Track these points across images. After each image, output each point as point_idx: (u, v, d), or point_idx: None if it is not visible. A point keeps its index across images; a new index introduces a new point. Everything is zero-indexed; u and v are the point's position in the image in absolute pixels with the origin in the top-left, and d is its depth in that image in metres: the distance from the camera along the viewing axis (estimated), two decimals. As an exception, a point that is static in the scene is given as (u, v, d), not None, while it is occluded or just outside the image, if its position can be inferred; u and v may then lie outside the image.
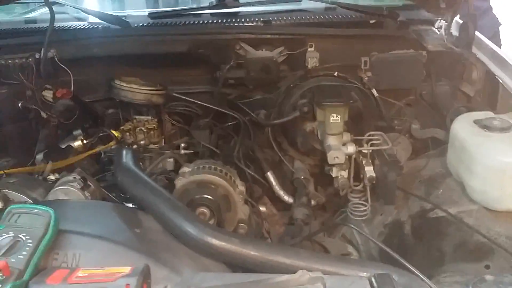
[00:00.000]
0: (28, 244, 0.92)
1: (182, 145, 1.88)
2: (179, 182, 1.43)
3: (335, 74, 1.95)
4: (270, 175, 2.00)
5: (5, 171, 1.52)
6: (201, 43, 2.05)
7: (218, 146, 2.02)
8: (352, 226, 1.51)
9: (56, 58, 2.01)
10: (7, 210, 0.99)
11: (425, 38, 2.09)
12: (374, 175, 1.71)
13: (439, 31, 2.19)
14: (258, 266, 1.09)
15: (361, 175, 1.80)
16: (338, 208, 2.13)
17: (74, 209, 1.06)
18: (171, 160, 1.82)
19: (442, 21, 2.19)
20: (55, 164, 1.74)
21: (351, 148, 1.68)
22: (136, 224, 1.14)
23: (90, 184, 1.39)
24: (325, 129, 1.73)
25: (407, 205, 1.76)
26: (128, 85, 1.83)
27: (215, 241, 1.08)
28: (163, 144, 1.91)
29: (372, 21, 2.12)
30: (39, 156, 1.87)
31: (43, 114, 2.02)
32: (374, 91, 1.92)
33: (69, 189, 1.34)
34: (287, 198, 2.01)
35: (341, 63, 2.01)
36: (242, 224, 1.45)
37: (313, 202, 1.99)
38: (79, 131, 1.96)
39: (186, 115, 2.14)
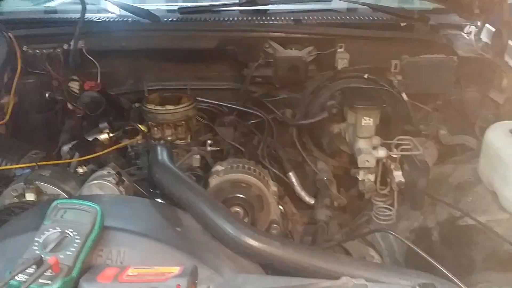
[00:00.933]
0: (76, 240, 0.92)
1: (209, 142, 1.86)
2: (213, 181, 1.42)
3: (365, 76, 1.93)
4: (292, 175, 1.99)
5: (38, 163, 1.51)
6: (229, 40, 2.05)
7: (241, 144, 2.01)
8: (391, 232, 1.49)
9: (84, 50, 2.01)
10: (53, 205, 0.98)
11: (455, 43, 2.07)
12: (404, 180, 1.70)
13: (468, 36, 2.17)
14: (298, 270, 1.08)
15: (388, 180, 1.79)
16: (359, 210, 2.12)
17: (115, 204, 1.05)
18: (198, 156, 1.81)
19: (471, 26, 2.17)
20: (82, 157, 1.75)
21: (382, 152, 1.67)
22: (176, 222, 1.13)
23: (124, 179, 1.38)
24: (355, 132, 1.71)
25: (434, 212, 1.74)
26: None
27: (256, 243, 1.08)
28: (189, 141, 1.89)
29: (403, 24, 2.10)
30: (65, 148, 1.87)
31: (69, 106, 2.03)
32: (404, 95, 1.90)
33: (104, 183, 1.33)
34: (308, 199, 2.00)
35: (371, 65, 1.99)
36: (274, 225, 1.44)
37: (335, 204, 1.99)
38: (105, 124, 1.95)
39: (210, 111, 2.13)
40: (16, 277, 0.83)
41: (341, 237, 1.92)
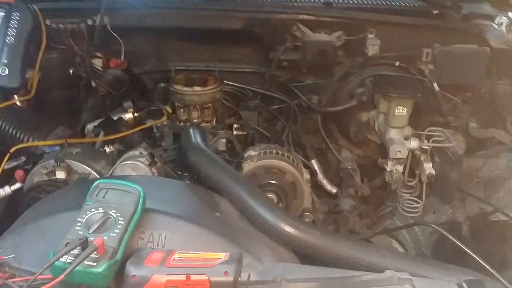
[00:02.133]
0: (120, 222, 0.89)
1: (235, 125, 1.83)
2: (247, 166, 1.39)
3: (397, 64, 1.88)
4: (314, 162, 1.96)
5: (67, 140, 1.48)
6: (256, 21, 2.00)
7: (265, 129, 1.98)
8: (434, 225, 1.45)
9: (108, 26, 1.96)
10: (94, 184, 0.95)
11: (486, 34, 2.02)
12: (434, 172, 1.67)
13: (498, 27, 2.12)
14: (337, 261, 1.06)
15: (417, 171, 1.76)
16: (381, 201, 2.10)
17: (152, 186, 1.02)
18: (224, 140, 1.77)
19: (503, 17, 2.12)
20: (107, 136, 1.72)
21: (414, 143, 1.63)
22: (215, 207, 1.10)
23: (157, 160, 1.35)
24: (387, 121, 1.67)
25: (464, 206, 1.72)
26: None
27: (296, 232, 1.05)
28: (214, 124, 1.86)
29: (435, 12, 2.04)
30: (90, 126, 1.84)
31: (93, 83, 1.99)
32: (435, 85, 1.86)
33: (137, 164, 1.31)
34: (330, 188, 1.97)
35: (401, 53, 1.94)
36: (307, 213, 1.42)
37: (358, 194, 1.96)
38: (129, 103, 1.91)
39: (234, 95, 2.09)
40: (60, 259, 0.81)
41: (361, 227, 1.90)
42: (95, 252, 0.82)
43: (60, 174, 1.32)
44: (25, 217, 1.12)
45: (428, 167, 1.68)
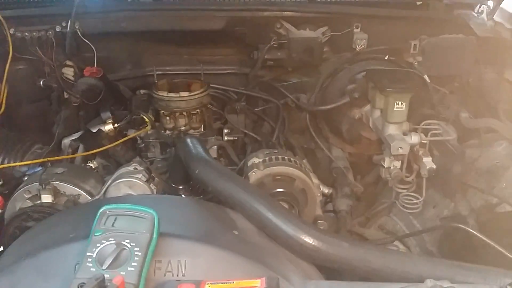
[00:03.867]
0: (136, 253, 0.78)
1: (226, 131, 1.73)
2: (254, 175, 1.29)
3: (386, 57, 1.83)
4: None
5: (48, 159, 1.34)
6: (238, 21, 1.91)
7: (253, 132, 1.89)
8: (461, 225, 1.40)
9: (79, 32, 1.82)
10: (100, 211, 0.84)
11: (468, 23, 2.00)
12: (435, 166, 1.62)
13: (479, 16, 2.10)
14: (368, 273, 0.98)
15: (415, 166, 1.71)
16: (373, 198, 2.05)
17: (159, 206, 0.91)
18: (215, 147, 1.67)
19: (483, 5, 2.10)
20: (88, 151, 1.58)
21: (415, 138, 1.58)
22: (231, 224, 1.00)
23: (154, 175, 1.24)
24: (386, 117, 1.61)
25: (466, 198, 1.68)
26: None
27: (323, 245, 0.96)
28: (202, 130, 1.75)
29: (419, 3, 2.00)
30: (66, 141, 1.70)
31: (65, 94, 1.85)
32: (426, 77, 1.81)
33: (134, 181, 1.19)
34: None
35: (388, 46, 1.89)
36: (321, 221, 1.33)
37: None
38: (107, 114, 1.78)
39: (218, 98, 1.99)
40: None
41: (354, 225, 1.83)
42: (114, 292, 0.71)
43: (46, 198, 1.19)
44: (15, 251, 0.98)
45: (428, 162, 1.64)
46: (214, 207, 1.07)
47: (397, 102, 1.57)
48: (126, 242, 0.79)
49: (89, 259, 0.77)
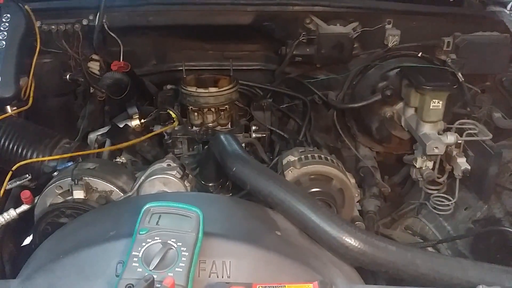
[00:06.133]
0: (183, 254, 0.75)
1: (254, 127, 1.69)
2: (290, 174, 1.25)
3: (419, 55, 1.78)
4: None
5: (76, 153, 1.31)
6: (266, 15, 1.86)
7: (279, 129, 1.85)
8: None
9: (106, 26, 1.79)
10: (144, 209, 0.80)
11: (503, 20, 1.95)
12: (469, 167, 1.58)
13: (511, 14, 2.04)
14: (415, 277, 0.94)
15: (447, 167, 1.66)
16: (399, 199, 2.01)
17: (202, 205, 0.87)
18: (243, 145, 1.63)
19: (516, 3, 2.05)
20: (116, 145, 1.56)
21: (451, 138, 1.54)
22: (273, 224, 0.97)
23: (188, 172, 1.21)
24: (421, 115, 1.57)
25: (500, 201, 1.63)
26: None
27: (369, 249, 0.93)
28: (229, 127, 1.71)
29: (451, -1, 1.95)
30: (92, 136, 1.68)
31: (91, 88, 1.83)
32: (459, 75, 1.76)
33: (169, 178, 1.15)
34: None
35: (421, 43, 1.84)
36: (358, 223, 1.29)
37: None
38: (134, 109, 1.76)
39: (244, 94, 1.96)
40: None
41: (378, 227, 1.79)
42: (163, 294, 0.68)
43: (78, 194, 1.16)
44: (51, 248, 0.96)
45: (463, 162, 1.60)
46: (254, 206, 1.04)
47: (434, 100, 1.53)
48: (172, 241, 0.76)
49: (135, 259, 0.74)
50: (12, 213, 1.24)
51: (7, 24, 1.53)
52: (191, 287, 0.73)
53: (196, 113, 1.66)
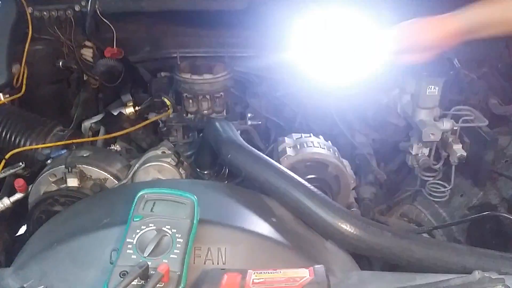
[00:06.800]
0: (178, 240, 0.74)
1: (249, 115, 1.68)
2: (286, 161, 1.24)
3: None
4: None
5: (72, 141, 1.30)
6: (261, 1, 1.84)
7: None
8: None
9: (98, 12, 1.77)
10: (138, 195, 0.80)
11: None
12: (465, 154, 1.57)
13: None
14: (411, 264, 0.94)
15: (443, 153, 1.66)
16: (395, 186, 2.00)
17: (196, 192, 0.87)
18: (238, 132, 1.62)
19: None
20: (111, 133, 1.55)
21: (447, 124, 1.53)
22: (269, 211, 0.96)
23: (183, 160, 1.20)
24: (417, 101, 1.56)
25: (496, 187, 1.63)
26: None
27: (366, 235, 0.92)
28: (225, 114, 1.70)
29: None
30: (87, 123, 1.66)
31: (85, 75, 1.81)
32: (456, 61, 1.75)
33: (163, 165, 1.15)
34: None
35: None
36: (354, 209, 1.29)
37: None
38: (128, 96, 1.74)
39: (238, 81, 1.94)
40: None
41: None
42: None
43: (72, 182, 1.15)
44: (44, 237, 0.95)
45: (458, 149, 1.59)
46: (249, 193, 1.03)
47: (430, 86, 1.52)
48: (167, 228, 0.75)
49: (129, 246, 0.73)
50: (5, 202, 1.23)
51: (-3, 11, 1.51)
52: (186, 273, 0.72)
53: (191, 100, 1.64)
